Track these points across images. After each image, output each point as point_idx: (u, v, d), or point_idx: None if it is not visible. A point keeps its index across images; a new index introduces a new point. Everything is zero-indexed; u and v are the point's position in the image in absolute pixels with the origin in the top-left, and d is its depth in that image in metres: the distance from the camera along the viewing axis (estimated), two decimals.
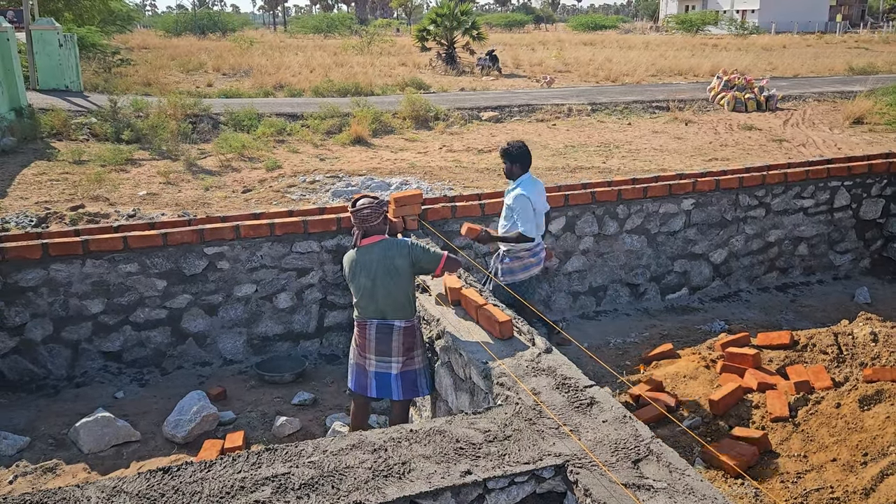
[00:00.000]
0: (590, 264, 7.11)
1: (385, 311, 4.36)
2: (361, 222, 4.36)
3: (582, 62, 30.88)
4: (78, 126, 15.29)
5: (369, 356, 4.45)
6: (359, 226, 4.38)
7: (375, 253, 4.35)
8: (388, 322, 4.37)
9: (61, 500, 2.83)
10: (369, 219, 4.36)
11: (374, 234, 4.39)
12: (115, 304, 5.88)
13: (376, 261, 4.32)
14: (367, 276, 4.33)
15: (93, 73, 23.13)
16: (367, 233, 4.39)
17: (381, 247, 4.36)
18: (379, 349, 4.41)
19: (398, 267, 4.31)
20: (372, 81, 23.29)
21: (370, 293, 4.34)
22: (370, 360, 4.46)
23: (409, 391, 4.49)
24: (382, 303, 4.33)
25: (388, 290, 4.31)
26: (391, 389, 4.47)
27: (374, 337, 4.41)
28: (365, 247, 4.38)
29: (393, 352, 4.41)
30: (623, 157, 13.98)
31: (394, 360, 4.43)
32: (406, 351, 4.43)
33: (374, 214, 4.36)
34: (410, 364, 4.47)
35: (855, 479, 4.07)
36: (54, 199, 10.76)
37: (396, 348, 4.41)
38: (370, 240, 4.38)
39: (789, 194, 7.65)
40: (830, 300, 7.39)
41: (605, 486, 2.83)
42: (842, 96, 20.80)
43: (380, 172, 12.69)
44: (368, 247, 4.37)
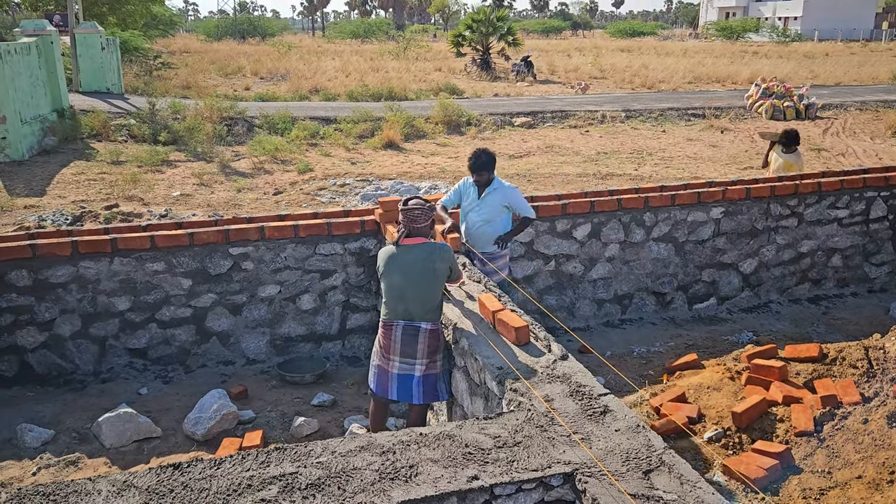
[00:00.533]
0: (615, 272, 7.03)
1: (413, 312, 4.36)
2: (410, 221, 4.40)
3: (618, 69, 30.64)
4: (117, 127, 15.63)
5: (393, 358, 4.44)
6: (406, 224, 4.41)
7: (415, 254, 4.37)
8: (415, 324, 4.37)
9: (73, 492, 2.88)
10: (418, 220, 4.40)
11: (418, 235, 4.43)
12: (142, 301, 5.98)
13: (416, 261, 4.35)
14: (402, 274, 4.35)
15: (134, 75, 23.65)
16: (411, 233, 4.42)
17: (423, 249, 4.39)
18: (404, 350, 4.40)
19: (437, 270, 4.36)
20: (406, 86, 23.41)
21: (401, 293, 4.35)
22: (394, 361, 4.45)
23: (430, 395, 4.48)
24: (412, 304, 4.34)
25: (420, 292, 4.34)
26: (412, 393, 4.46)
27: (399, 338, 4.40)
28: (406, 246, 4.40)
29: (417, 354, 4.41)
30: (656, 165, 13.82)
31: (418, 362, 4.42)
32: (430, 354, 4.43)
33: (423, 216, 4.41)
34: (433, 368, 4.47)
35: (881, 497, 3.95)
36: (91, 198, 11.00)
37: (421, 350, 4.40)
38: (413, 240, 4.41)
39: (823, 204, 7.48)
40: (864, 313, 7.19)
41: (614, 497, 2.78)
42: (885, 105, 20.31)
43: (410, 177, 12.73)
44: (409, 247, 4.39)
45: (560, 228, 6.78)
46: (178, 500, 2.81)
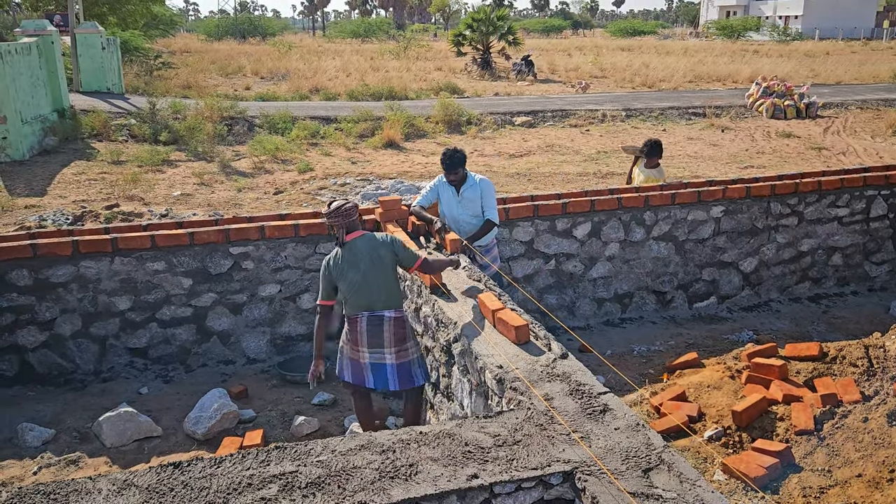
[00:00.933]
0: (615, 271, 7.03)
1: (374, 302, 4.52)
2: (344, 219, 4.56)
3: (619, 68, 30.63)
4: (118, 127, 15.64)
5: (362, 349, 4.59)
6: (341, 223, 4.56)
7: (360, 246, 4.55)
8: (378, 313, 4.53)
9: (73, 491, 2.88)
10: (351, 214, 4.58)
11: (356, 229, 4.62)
12: (142, 301, 5.99)
13: (362, 252, 4.53)
14: (355, 270, 4.52)
15: (134, 75, 23.65)
16: (350, 229, 4.59)
17: (365, 240, 4.59)
18: (371, 342, 4.54)
19: (382, 256, 4.55)
20: (407, 86, 23.40)
21: (361, 286, 4.51)
22: (363, 352, 4.59)
23: (406, 381, 4.63)
24: (372, 294, 4.50)
25: (376, 281, 4.51)
26: (387, 380, 4.61)
27: (365, 330, 4.54)
28: (350, 242, 4.56)
29: (385, 343, 4.55)
30: None
31: (387, 351, 4.57)
32: (398, 342, 4.57)
33: (354, 210, 4.61)
34: (404, 355, 4.62)
35: (881, 496, 3.95)
36: (91, 198, 11.01)
37: (388, 339, 4.55)
38: (354, 235, 4.59)
39: (823, 203, 7.48)
40: (864, 312, 7.19)
41: (613, 495, 2.79)
42: (886, 104, 20.29)
43: (410, 176, 12.73)
44: (353, 241, 4.57)
45: (560, 227, 6.78)
46: (178, 499, 2.81)
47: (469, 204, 5.80)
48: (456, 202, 5.85)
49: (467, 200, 5.81)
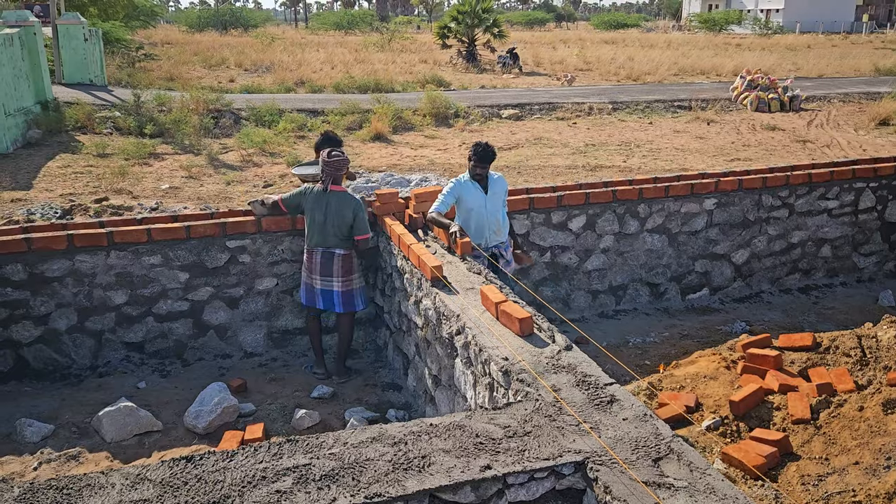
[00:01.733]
0: (610, 263, 7.08)
1: (329, 241, 5.57)
2: (335, 170, 5.51)
3: (603, 61, 30.72)
4: (102, 120, 15.47)
5: (315, 277, 5.65)
6: (331, 173, 5.51)
7: (334, 199, 5.53)
8: (331, 250, 5.58)
9: (86, 486, 2.88)
10: (340, 167, 5.53)
11: (338, 184, 5.58)
12: (138, 295, 5.95)
13: (333, 204, 5.52)
14: (321, 213, 5.54)
15: (117, 67, 23.38)
16: (335, 181, 5.55)
17: (340, 196, 5.54)
18: (323, 271, 5.61)
19: (344, 216, 5.52)
20: (392, 78, 23.33)
21: (321, 227, 5.55)
22: (316, 279, 5.65)
23: (349, 305, 5.73)
24: (329, 236, 5.54)
25: (335, 228, 5.53)
26: (334, 303, 5.69)
27: (318, 262, 5.60)
28: (331, 192, 5.53)
29: (334, 273, 5.62)
30: (644, 157, 13.90)
31: (335, 280, 5.63)
32: (345, 273, 5.65)
33: (344, 163, 5.54)
34: (349, 284, 5.69)
35: (878, 482, 4.03)
36: (78, 191, 10.90)
37: (337, 270, 5.61)
38: (336, 188, 5.56)
39: (813, 195, 7.58)
40: (853, 303, 7.30)
41: (626, 484, 2.82)
42: (867, 97, 20.54)
43: (399, 169, 12.72)
44: (333, 192, 5.54)
45: (555, 220, 6.81)
46: (192, 493, 2.82)
47: (496, 200, 5.72)
48: (485, 200, 5.66)
49: (495, 196, 5.72)
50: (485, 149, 5.60)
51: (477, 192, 5.68)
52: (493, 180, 5.76)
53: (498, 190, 5.76)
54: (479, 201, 5.66)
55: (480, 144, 5.63)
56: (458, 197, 5.70)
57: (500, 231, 5.77)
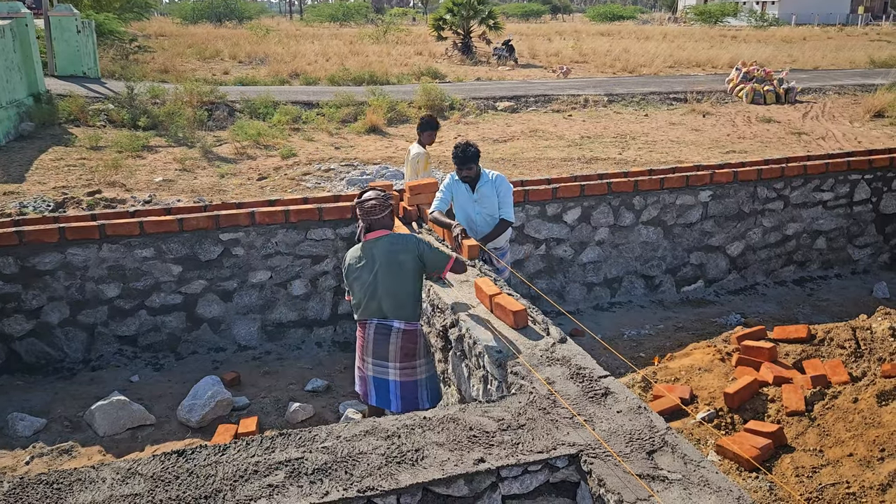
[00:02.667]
0: (605, 255, 7.07)
1: (385, 309, 4.13)
2: (366, 215, 4.18)
3: (599, 53, 30.64)
4: (95, 112, 15.38)
5: (367, 359, 4.24)
6: (363, 218, 4.20)
7: (379, 247, 4.16)
8: (388, 322, 4.14)
9: (77, 480, 2.85)
10: (373, 212, 4.18)
11: (379, 228, 4.22)
12: (131, 288, 5.91)
13: (380, 255, 4.13)
14: (368, 270, 4.14)
15: (110, 59, 23.23)
16: (371, 227, 4.21)
17: (386, 241, 4.18)
18: (376, 351, 4.16)
19: (402, 262, 4.11)
20: (388, 70, 23.24)
21: (371, 289, 4.14)
22: (367, 363, 4.24)
23: (410, 404, 4.20)
24: (383, 300, 4.12)
25: (389, 287, 4.10)
26: (390, 400, 4.24)
27: (371, 337, 4.18)
28: (370, 241, 4.20)
29: (390, 356, 4.17)
30: (639, 149, 13.88)
31: (391, 365, 4.18)
32: (405, 357, 4.18)
33: (379, 207, 4.18)
34: (411, 374, 4.23)
35: (871, 474, 4.03)
36: (71, 184, 10.83)
37: (394, 353, 4.16)
38: (375, 234, 4.20)
39: (808, 187, 7.57)
40: (848, 295, 7.31)
41: (619, 477, 2.81)
42: (863, 89, 20.53)
43: (394, 161, 12.68)
44: (373, 241, 4.19)
45: (550, 212, 6.79)
46: (184, 487, 2.80)
47: (485, 202, 5.44)
48: (471, 201, 5.47)
49: (484, 198, 5.45)
50: (463, 150, 5.30)
51: (464, 193, 5.50)
52: (484, 180, 5.48)
53: (488, 192, 5.44)
54: (465, 202, 5.49)
55: (459, 146, 5.36)
56: (451, 195, 5.55)
57: (485, 235, 5.51)
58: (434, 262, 4.22)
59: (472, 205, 5.49)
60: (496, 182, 5.48)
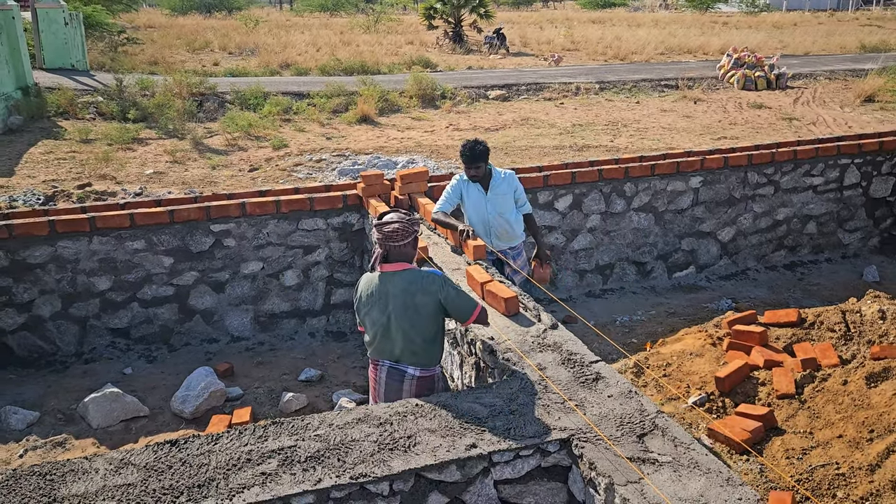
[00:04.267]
0: (596, 242, 7.09)
1: (398, 353, 3.67)
2: (384, 240, 3.61)
3: (590, 40, 30.56)
4: (84, 105, 15.28)
5: (379, 402, 3.74)
6: (381, 244, 3.63)
7: (397, 283, 3.60)
8: (401, 367, 3.68)
9: (70, 471, 2.86)
10: (394, 237, 3.60)
11: (400, 259, 3.64)
12: (123, 280, 5.90)
13: (396, 293, 3.59)
14: (381, 310, 3.63)
15: (99, 52, 23.05)
16: (389, 256, 3.63)
17: (405, 277, 3.61)
18: (388, 397, 3.69)
19: (419, 305, 3.58)
20: (378, 60, 23.13)
21: (384, 331, 3.66)
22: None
23: None
24: (396, 343, 3.65)
25: (404, 331, 3.60)
26: None
27: (384, 381, 3.75)
28: (386, 273, 3.64)
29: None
30: (631, 136, 13.88)
31: None
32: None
33: (401, 234, 3.60)
34: None
35: (861, 455, 4.07)
36: (61, 177, 10.77)
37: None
38: (394, 266, 3.63)
39: (799, 172, 7.59)
40: (839, 278, 7.35)
41: (610, 460, 2.84)
42: (853, 74, 20.55)
43: (386, 151, 12.65)
44: (390, 274, 3.62)
45: (542, 200, 6.80)
46: (177, 476, 2.81)
47: (499, 201, 5.18)
48: (484, 201, 5.21)
49: (498, 197, 5.19)
50: (471, 148, 5.05)
51: (476, 192, 5.24)
52: (497, 179, 5.25)
53: (503, 190, 5.21)
54: (478, 203, 5.22)
55: (467, 144, 5.10)
56: (461, 195, 5.31)
57: (507, 235, 5.32)
58: (458, 310, 3.65)
59: (486, 205, 5.23)
60: (509, 179, 5.28)
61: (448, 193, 5.30)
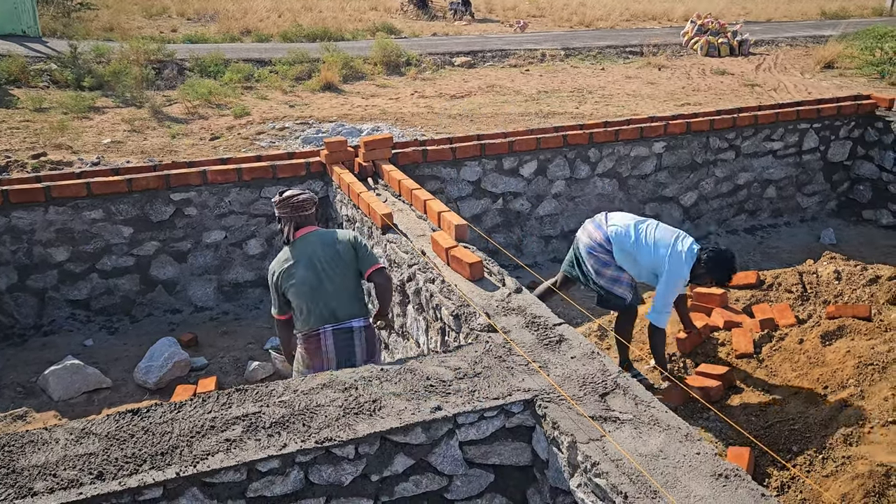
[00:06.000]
0: (561, 208, 7.12)
1: (337, 309, 3.72)
2: (293, 211, 3.82)
3: (556, 7, 30.38)
4: (37, 72, 14.80)
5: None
6: (291, 216, 3.82)
7: (315, 241, 3.80)
8: (345, 325, 3.74)
9: (29, 442, 2.82)
10: (305, 206, 3.84)
11: (307, 224, 3.87)
12: (81, 251, 5.78)
13: (318, 250, 3.77)
14: (309, 268, 3.72)
15: (51, 17, 22.27)
16: (299, 224, 3.84)
17: (320, 235, 3.84)
18: (341, 361, 3.69)
19: (341, 252, 3.78)
20: (342, 26, 22.75)
21: (316, 288, 3.71)
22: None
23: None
24: (333, 299, 3.72)
25: (338, 284, 3.73)
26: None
27: (331, 348, 3.72)
28: (302, 237, 3.83)
29: (357, 359, 3.77)
30: (596, 103, 13.90)
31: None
32: (370, 356, 3.84)
33: (308, 202, 3.86)
34: None
35: (815, 410, 4.20)
36: (14, 147, 10.46)
37: (360, 354, 3.79)
38: (307, 230, 3.86)
39: (759, 137, 7.69)
40: (797, 241, 7.51)
41: (573, 419, 2.88)
42: (814, 41, 20.79)
43: (350, 119, 12.51)
44: (304, 237, 3.83)
45: (507, 166, 6.80)
46: (139, 445, 2.78)
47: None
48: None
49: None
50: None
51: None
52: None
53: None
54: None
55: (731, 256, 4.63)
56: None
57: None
58: (364, 258, 3.85)
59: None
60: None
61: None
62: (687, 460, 2.63)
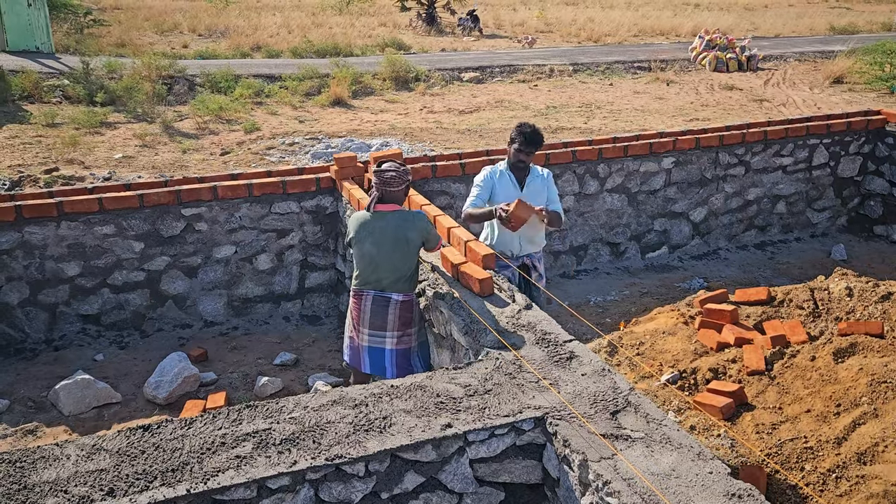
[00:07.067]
0: (570, 223, 7.12)
1: (384, 282, 4.19)
2: (382, 184, 4.17)
3: (564, 22, 30.53)
4: (50, 88, 14.95)
5: (363, 329, 4.27)
6: (378, 188, 4.18)
7: (389, 221, 4.16)
8: (386, 294, 4.20)
9: (41, 458, 2.83)
10: (391, 183, 4.17)
11: (392, 201, 4.22)
12: (92, 266, 5.81)
13: (388, 229, 4.14)
14: (373, 243, 4.17)
15: (64, 34, 22.53)
16: (384, 198, 4.20)
17: (397, 216, 4.19)
18: (374, 322, 4.22)
19: (409, 239, 4.16)
20: (351, 42, 22.91)
21: (373, 261, 4.18)
22: (363, 333, 4.28)
23: (403, 369, 4.25)
24: (383, 273, 4.17)
25: (392, 261, 4.15)
26: (385, 367, 4.28)
27: (369, 309, 4.23)
28: (379, 212, 4.20)
29: (388, 326, 4.23)
30: (604, 118, 13.93)
31: (388, 335, 4.24)
32: (402, 326, 4.25)
33: (397, 180, 4.18)
34: (406, 341, 4.30)
35: (828, 428, 4.16)
36: (28, 162, 10.56)
37: (392, 322, 4.22)
38: (386, 207, 4.20)
39: (769, 152, 7.68)
40: (807, 257, 7.47)
41: (584, 437, 2.87)
42: (822, 56, 20.78)
43: (360, 134, 12.56)
44: (382, 213, 4.19)
45: None
46: (150, 461, 2.79)
47: (533, 198, 4.76)
48: (516, 195, 4.78)
49: (533, 192, 4.85)
50: (534, 130, 4.74)
51: (510, 188, 4.86)
52: (535, 176, 4.93)
53: (539, 188, 4.89)
54: (509, 196, 4.79)
55: (527, 125, 4.77)
56: (491, 190, 4.90)
57: (534, 240, 5.01)
58: (432, 241, 4.34)
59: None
60: (547, 179, 4.99)
61: (478, 188, 4.90)
62: (700, 479, 2.61)
